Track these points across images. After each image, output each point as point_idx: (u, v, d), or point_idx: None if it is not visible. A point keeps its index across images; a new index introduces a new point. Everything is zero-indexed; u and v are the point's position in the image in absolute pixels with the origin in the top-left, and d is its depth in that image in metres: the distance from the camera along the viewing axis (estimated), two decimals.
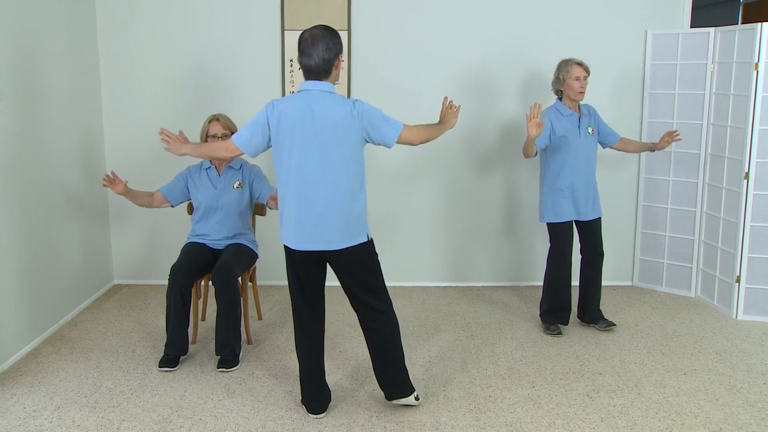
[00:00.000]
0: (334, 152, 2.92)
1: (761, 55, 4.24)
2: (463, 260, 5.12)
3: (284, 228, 3.03)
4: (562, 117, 4.01)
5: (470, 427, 3.10)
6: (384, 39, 4.83)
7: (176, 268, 3.67)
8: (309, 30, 2.94)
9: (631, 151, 4.34)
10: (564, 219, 4.06)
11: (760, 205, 4.38)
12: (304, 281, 3.08)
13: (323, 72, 2.94)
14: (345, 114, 2.92)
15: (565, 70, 3.98)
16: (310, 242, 2.97)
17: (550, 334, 4.16)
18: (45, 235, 4.08)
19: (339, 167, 2.93)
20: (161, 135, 3.29)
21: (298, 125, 2.91)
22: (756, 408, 3.30)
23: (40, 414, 3.18)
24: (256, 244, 4.04)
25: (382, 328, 3.11)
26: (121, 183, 3.61)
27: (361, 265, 3.04)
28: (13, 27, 3.75)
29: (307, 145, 2.91)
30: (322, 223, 2.94)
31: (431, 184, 5.01)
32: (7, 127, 3.69)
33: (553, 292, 4.14)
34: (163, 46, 4.82)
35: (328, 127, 2.91)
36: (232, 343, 3.67)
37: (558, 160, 4.03)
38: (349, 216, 2.97)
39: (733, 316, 4.51)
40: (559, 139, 3.99)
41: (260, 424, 3.12)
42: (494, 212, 5.06)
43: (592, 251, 4.19)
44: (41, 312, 4.03)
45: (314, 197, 2.93)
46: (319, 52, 2.90)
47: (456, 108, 3.28)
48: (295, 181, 2.94)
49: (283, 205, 3.02)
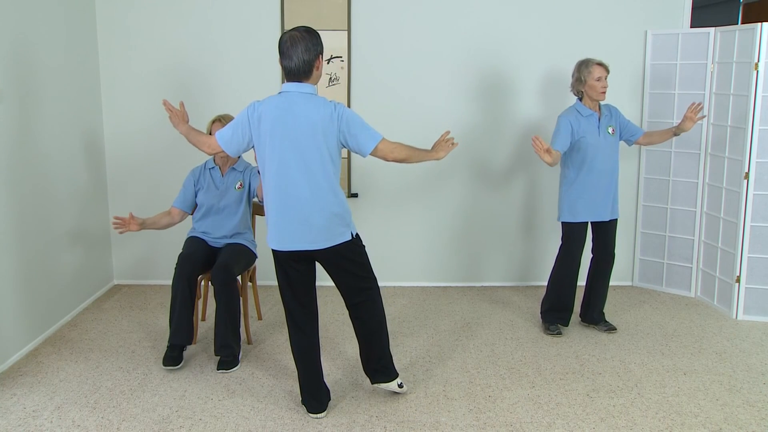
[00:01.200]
0: (313, 154, 2.94)
1: (761, 55, 4.24)
2: (463, 260, 5.12)
3: (269, 230, 3.06)
4: (581, 117, 3.98)
5: (470, 427, 3.10)
6: (384, 39, 4.83)
7: (184, 257, 3.68)
8: (288, 32, 2.96)
9: (657, 141, 4.18)
10: (579, 219, 4.04)
11: (760, 205, 4.38)
12: (294, 280, 3.10)
13: (303, 73, 2.96)
14: (325, 116, 2.94)
15: (586, 71, 3.94)
16: (293, 242, 3.00)
17: (550, 333, 4.15)
18: (45, 235, 4.08)
19: (318, 168, 2.95)
20: (164, 105, 3.42)
21: (278, 127, 2.93)
22: (756, 408, 3.30)
23: (40, 414, 3.18)
24: (255, 244, 4.04)
25: (370, 316, 3.20)
26: (134, 222, 3.64)
27: (349, 261, 3.10)
28: (13, 27, 3.75)
29: (287, 146, 2.93)
30: (305, 223, 2.97)
31: (431, 183, 5.01)
32: (7, 127, 3.69)
33: (557, 291, 4.13)
34: (163, 45, 4.82)
35: (307, 129, 2.92)
36: (232, 343, 3.67)
37: (577, 160, 4.02)
38: (330, 215, 2.99)
39: (733, 316, 4.51)
40: (579, 140, 3.98)
41: (260, 424, 3.12)
42: (495, 212, 5.06)
43: (603, 252, 4.17)
44: (41, 312, 4.03)
45: (295, 198, 2.96)
46: (299, 54, 2.92)
47: (451, 143, 3.23)
48: (276, 182, 2.96)
49: (268, 207, 3.05)
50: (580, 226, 4.07)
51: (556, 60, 4.87)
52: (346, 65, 4.80)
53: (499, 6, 4.81)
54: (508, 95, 4.91)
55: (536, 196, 5.04)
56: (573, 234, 4.07)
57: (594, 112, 4.00)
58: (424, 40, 4.84)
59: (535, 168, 4.98)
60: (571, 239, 4.08)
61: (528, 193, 5.04)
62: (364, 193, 4.98)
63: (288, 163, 2.94)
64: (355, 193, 4.95)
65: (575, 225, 4.06)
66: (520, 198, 5.04)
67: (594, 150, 3.98)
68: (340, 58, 4.79)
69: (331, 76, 4.82)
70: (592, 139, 3.97)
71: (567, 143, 3.93)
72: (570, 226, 4.07)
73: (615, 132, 4.06)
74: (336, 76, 4.82)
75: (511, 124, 4.94)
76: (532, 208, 5.06)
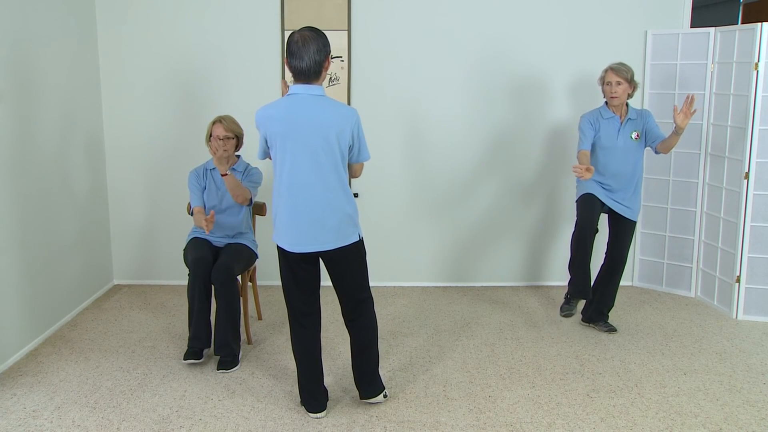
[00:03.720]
0: (326, 155, 2.92)
1: (761, 55, 4.24)
2: (463, 260, 5.12)
3: (278, 229, 3.05)
4: (602, 119, 4.01)
5: (470, 427, 3.10)
6: (384, 39, 4.83)
7: (196, 260, 3.67)
8: (298, 32, 2.92)
9: (670, 145, 3.92)
10: (590, 191, 4.02)
11: (760, 205, 4.38)
12: (301, 280, 3.10)
13: (314, 74, 2.93)
14: (339, 118, 2.92)
15: (602, 75, 4.02)
16: (307, 244, 2.99)
17: (562, 314, 4.32)
18: (45, 235, 4.08)
19: (331, 169, 2.94)
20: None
21: (290, 129, 2.91)
22: (756, 408, 3.30)
23: (40, 414, 3.18)
24: (255, 244, 4.04)
25: (366, 324, 3.19)
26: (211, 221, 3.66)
27: (353, 263, 3.09)
28: (13, 27, 3.75)
29: (299, 148, 2.92)
30: (318, 223, 2.96)
31: (432, 184, 5.01)
32: (7, 127, 3.69)
33: (576, 264, 4.00)
34: (163, 45, 4.82)
35: (319, 131, 2.90)
36: (232, 343, 3.67)
37: (593, 161, 4.05)
38: (342, 216, 2.99)
39: (733, 316, 4.51)
40: (596, 140, 4.02)
41: (260, 424, 3.12)
42: (495, 212, 5.06)
43: (615, 254, 4.11)
44: (41, 312, 4.03)
45: (309, 199, 2.94)
46: (311, 54, 2.89)
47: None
48: (289, 183, 2.95)
49: (277, 206, 3.03)
50: (589, 198, 4.00)
51: (555, 60, 4.87)
52: (346, 65, 4.80)
53: (497, 6, 4.81)
54: (508, 95, 4.91)
55: (538, 196, 5.04)
56: (583, 205, 3.99)
57: (615, 115, 4.00)
58: (424, 40, 4.84)
59: (537, 168, 4.98)
60: (581, 211, 3.98)
61: (529, 192, 5.04)
62: (364, 194, 4.98)
63: (300, 164, 2.92)
64: (356, 193, 4.95)
65: (586, 195, 4.02)
66: (521, 198, 5.04)
67: (610, 153, 3.99)
68: (340, 58, 4.80)
69: (331, 76, 4.82)
70: (607, 142, 3.99)
71: (591, 140, 3.99)
72: (582, 198, 4.03)
73: (640, 137, 4.03)
74: (336, 76, 4.82)
75: (511, 124, 4.94)
76: (533, 208, 5.06)
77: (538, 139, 4.96)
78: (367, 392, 3.27)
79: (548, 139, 4.96)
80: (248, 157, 4.66)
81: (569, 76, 4.88)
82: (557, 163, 4.98)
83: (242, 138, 3.92)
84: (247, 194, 3.79)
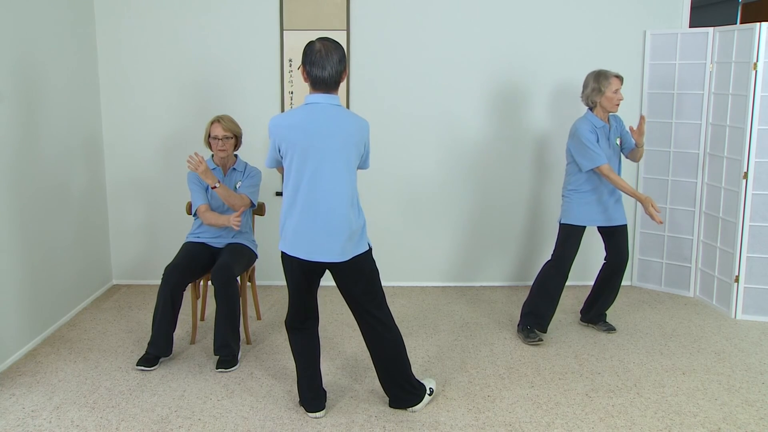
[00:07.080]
0: (343, 165, 2.90)
1: (760, 54, 4.24)
2: (462, 260, 5.12)
3: (287, 237, 2.98)
4: (596, 128, 3.95)
5: (469, 427, 3.10)
6: (383, 39, 4.83)
7: (170, 268, 3.67)
8: (318, 41, 2.89)
9: (637, 156, 4.11)
10: (580, 223, 3.99)
11: (759, 205, 4.38)
12: (305, 286, 3.07)
13: (334, 84, 2.91)
14: (359, 129, 2.93)
15: (606, 82, 3.89)
16: (317, 254, 2.94)
17: (531, 342, 3.99)
18: (44, 235, 4.08)
19: (346, 179, 2.92)
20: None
21: (313, 139, 2.87)
22: (755, 407, 3.30)
23: (38, 414, 3.18)
24: (255, 244, 4.04)
25: (385, 338, 3.10)
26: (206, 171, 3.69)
27: (363, 273, 3.04)
28: (13, 28, 3.75)
29: (320, 158, 2.88)
30: (332, 234, 2.92)
31: (431, 184, 5.01)
32: (7, 127, 3.68)
33: (544, 295, 4.01)
34: (163, 45, 4.82)
35: (341, 141, 2.88)
36: (231, 343, 3.67)
37: (589, 173, 3.97)
38: (354, 227, 2.96)
39: (731, 315, 4.52)
40: None
41: (259, 424, 3.12)
42: (494, 212, 5.06)
43: (618, 258, 4.09)
44: (40, 312, 4.03)
45: (327, 209, 2.91)
46: (334, 64, 2.87)
47: None
48: (307, 192, 2.90)
49: (289, 215, 2.97)
50: (580, 230, 4.02)
51: (554, 61, 4.87)
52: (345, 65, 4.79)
53: (496, 6, 4.81)
54: (508, 95, 4.91)
55: (535, 197, 5.04)
56: (571, 237, 4.01)
57: (605, 123, 3.99)
58: (423, 40, 4.84)
59: (533, 170, 4.99)
60: (568, 243, 4.01)
61: (526, 194, 5.04)
62: (363, 194, 4.98)
63: (322, 174, 2.88)
64: None
65: (575, 228, 4.01)
66: (519, 199, 5.04)
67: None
68: None
69: None
70: (603, 151, 3.97)
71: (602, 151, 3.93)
72: (571, 228, 4.01)
73: (621, 142, 4.08)
74: None
75: (511, 126, 4.95)
76: (531, 209, 5.06)
77: (538, 139, 4.96)
78: (397, 404, 3.23)
79: (548, 140, 4.96)
80: (246, 157, 4.66)
81: (568, 76, 4.89)
82: (557, 163, 4.98)
83: (241, 137, 3.92)
84: (243, 200, 3.78)
